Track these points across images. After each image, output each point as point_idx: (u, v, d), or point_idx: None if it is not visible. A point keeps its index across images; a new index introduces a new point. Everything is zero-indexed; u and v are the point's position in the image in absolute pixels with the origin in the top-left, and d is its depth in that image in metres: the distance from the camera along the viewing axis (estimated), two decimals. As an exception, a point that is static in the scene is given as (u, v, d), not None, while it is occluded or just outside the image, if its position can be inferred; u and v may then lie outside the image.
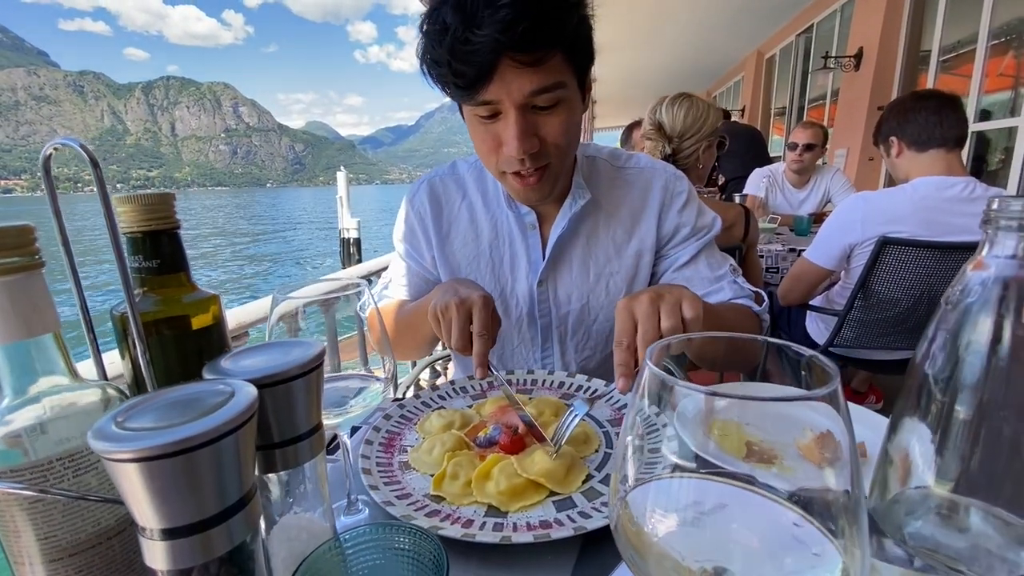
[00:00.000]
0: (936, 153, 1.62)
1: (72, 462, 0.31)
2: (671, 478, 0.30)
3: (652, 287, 0.65)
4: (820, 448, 0.28)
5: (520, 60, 0.67)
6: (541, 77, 0.69)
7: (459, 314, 0.69)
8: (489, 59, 0.66)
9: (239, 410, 0.29)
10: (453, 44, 0.66)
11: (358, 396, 0.50)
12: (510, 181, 0.80)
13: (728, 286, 0.92)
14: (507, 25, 0.63)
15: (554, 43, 0.68)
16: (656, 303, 0.60)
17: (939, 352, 0.31)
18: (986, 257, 0.28)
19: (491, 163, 0.80)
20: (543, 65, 0.68)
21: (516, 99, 0.70)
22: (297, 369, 0.35)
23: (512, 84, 0.69)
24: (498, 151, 0.76)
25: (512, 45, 0.65)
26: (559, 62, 0.70)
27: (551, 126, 0.74)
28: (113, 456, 0.26)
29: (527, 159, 0.74)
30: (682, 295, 0.61)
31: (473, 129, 0.78)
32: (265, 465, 0.36)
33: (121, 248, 0.34)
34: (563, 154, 0.78)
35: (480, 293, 0.70)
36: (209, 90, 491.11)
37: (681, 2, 6.57)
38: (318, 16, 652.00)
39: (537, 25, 0.65)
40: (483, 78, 0.68)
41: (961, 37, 4.23)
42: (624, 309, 0.61)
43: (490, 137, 0.76)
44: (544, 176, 0.78)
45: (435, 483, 0.56)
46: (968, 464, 0.33)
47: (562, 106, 0.74)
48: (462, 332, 0.69)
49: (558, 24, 0.67)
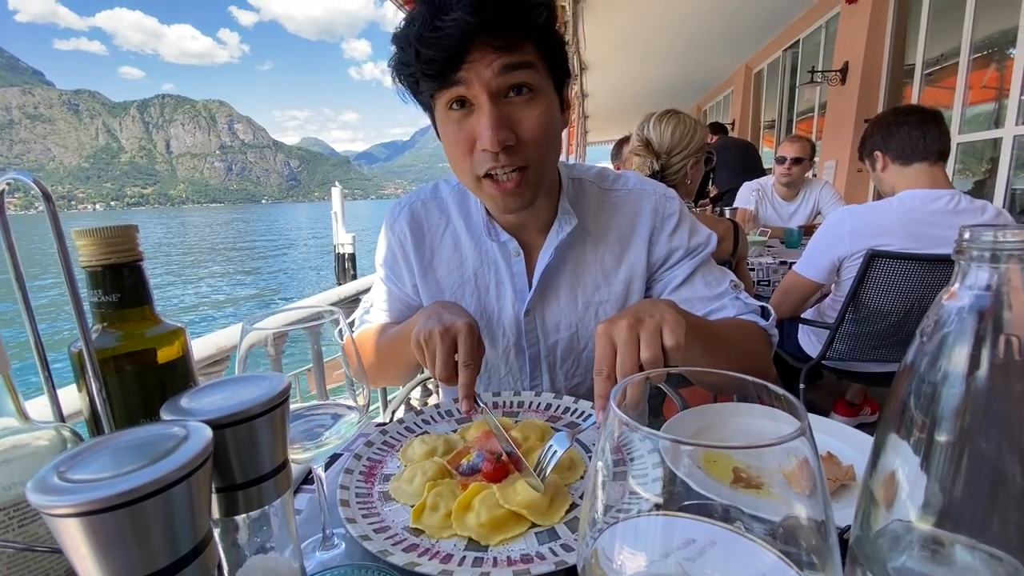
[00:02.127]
0: (920, 167, 1.63)
1: (18, 511, 0.30)
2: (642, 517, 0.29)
3: (633, 308, 0.61)
4: (803, 476, 0.27)
5: (491, 45, 0.66)
6: (513, 56, 0.68)
7: (443, 343, 0.65)
8: (458, 42, 0.65)
9: (191, 455, 0.27)
10: (421, 33, 0.65)
11: (332, 428, 0.49)
12: (487, 188, 0.75)
13: (731, 303, 0.88)
14: (476, 6, 0.63)
15: (524, 28, 0.68)
16: (635, 329, 0.56)
17: (916, 385, 0.30)
18: (960, 289, 0.27)
19: (466, 168, 0.75)
20: (515, 49, 0.68)
21: (487, 79, 0.67)
22: (260, 407, 0.34)
23: (482, 66, 0.67)
24: (472, 152, 0.72)
25: (481, 25, 0.64)
26: (531, 50, 0.70)
27: (527, 120, 0.71)
28: (52, 511, 0.24)
29: (502, 155, 0.70)
30: (663, 319, 0.57)
31: (446, 133, 0.75)
32: (227, 507, 0.35)
33: (75, 283, 0.33)
34: (541, 154, 0.74)
35: (465, 320, 0.67)
36: (204, 108, 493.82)
37: (670, 17, 6.68)
38: (313, 34, 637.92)
39: (506, 6, 0.65)
40: (453, 63, 0.66)
41: (944, 51, 4.32)
42: (603, 335, 0.58)
43: (463, 135, 0.72)
44: (522, 180, 0.73)
45: (414, 515, 0.54)
46: (951, 497, 0.32)
47: (538, 97, 0.71)
48: (446, 362, 0.66)
49: (527, 11, 0.67)
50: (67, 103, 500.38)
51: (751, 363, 0.83)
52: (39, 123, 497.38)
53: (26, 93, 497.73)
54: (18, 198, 41.14)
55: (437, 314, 0.70)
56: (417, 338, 0.68)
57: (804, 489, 0.28)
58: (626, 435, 0.27)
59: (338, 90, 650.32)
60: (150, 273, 0.39)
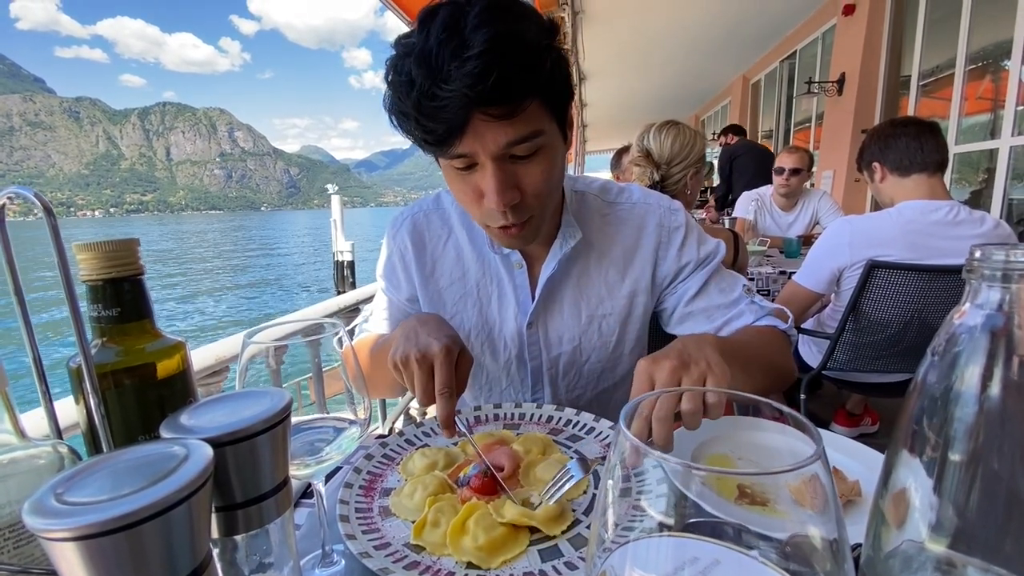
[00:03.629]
0: (919, 178, 1.64)
1: (13, 532, 0.29)
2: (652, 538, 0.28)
3: (678, 348, 0.57)
4: (812, 492, 0.27)
5: (492, 114, 0.62)
6: (517, 128, 0.64)
7: (420, 369, 0.62)
8: (459, 115, 0.61)
9: (191, 476, 0.27)
10: (420, 100, 0.61)
11: (333, 443, 0.48)
12: (494, 231, 0.76)
13: (748, 308, 0.87)
14: (476, 79, 0.58)
15: (528, 91, 0.63)
16: (678, 374, 0.53)
17: (928, 404, 0.29)
18: (971, 308, 0.27)
19: (474, 214, 0.76)
20: (518, 116, 0.63)
21: (492, 151, 0.65)
22: (261, 424, 0.34)
23: (486, 137, 0.64)
24: (479, 202, 0.71)
25: (483, 100, 0.60)
26: (536, 108, 0.66)
27: (531, 176, 0.70)
28: (48, 535, 0.24)
29: (509, 212, 0.70)
30: (709, 368, 0.54)
31: (451, 181, 0.74)
32: (227, 527, 0.34)
33: (75, 298, 0.33)
34: (545, 202, 0.75)
35: (441, 343, 0.63)
36: (205, 115, 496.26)
37: (668, 28, 6.75)
38: (313, 43, 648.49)
39: (509, 76, 0.59)
40: (454, 133, 0.63)
41: (939, 62, 4.36)
42: (643, 372, 0.55)
43: (470, 189, 0.71)
44: (527, 225, 0.74)
45: (415, 532, 0.53)
46: (964, 518, 0.31)
47: (542, 153, 0.69)
48: (425, 389, 0.62)
49: (532, 71, 0.63)
50: (68, 110, 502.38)
51: (781, 373, 0.83)
52: (39, 130, 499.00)
53: (27, 100, 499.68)
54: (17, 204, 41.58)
55: (415, 334, 0.67)
56: (394, 360, 0.65)
57: (813, 506, 0.27)
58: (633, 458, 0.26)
59: (338, 98, 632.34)
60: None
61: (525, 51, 0.61)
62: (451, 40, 0.59)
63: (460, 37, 0.59)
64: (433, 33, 0.60)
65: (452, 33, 0.59)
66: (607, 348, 0.91)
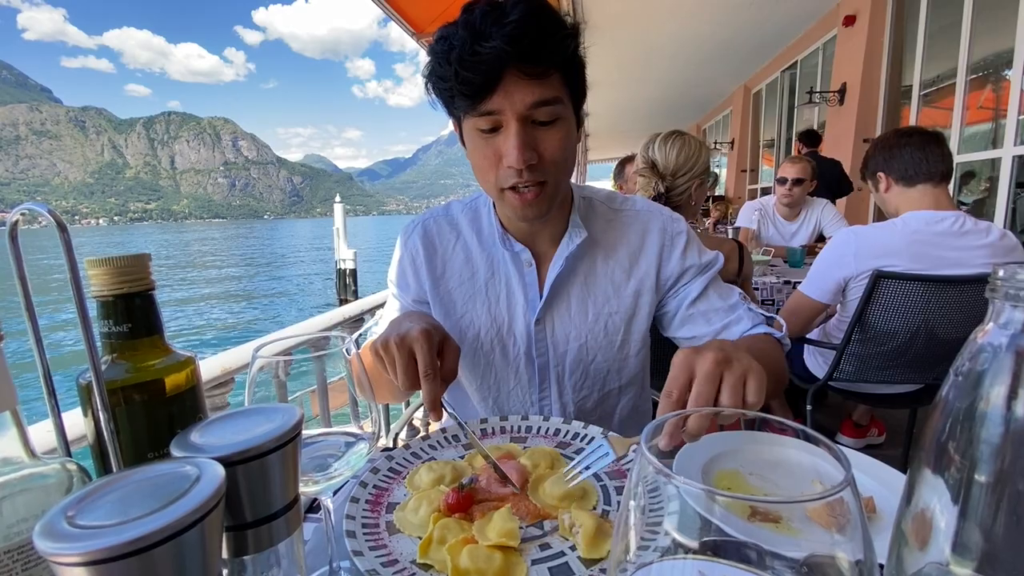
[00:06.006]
0: (924, 188, 1.64)
1: (22, 554, 0.29)
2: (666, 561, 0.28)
3: (718, 343, 0.57)
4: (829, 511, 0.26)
5: (524, 71, 0.71)
6: (543, 90, 0.73)
7: (400, 352, 0.65)
8: (496, 67, 0.70)
9: (203, 498, 0.26)
10: (462, 55, 0.69)
11: (342, 459, 0.48)
12: (508, 198, 0.81)
13: (745, 314, 0.92)
14: (513, 38, 0.68)
15: (554, 59, 0.73)
16: (720, 368, 0.53)
17: (951, 424, 0.29)
18: (994, 328, 0.27)
19: (490, 180, 0.80)
20: (545, 79, 0.73)
21: (519, 109, 0.73)
22: (273, 442, 0.33)
23: (515, 94, 0.72)
24: (498, 166, 0.78)
25: (518, 56, 0.69)
26: (558, 81, 0.75)
27: (549, 141, 0.77)
28: (59, 559, 0.23)
29: (525, 172, 0.76)
30: (750, 368, 0.54)
31: (473, 145, 0.80)
32: (236, 548, 0.34)
33: (87, 315, 0.33)
34: (559, 171, 0.80)
35: (420, 327, 0.66)
36: (209, 125, 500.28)
37: (670, 39, 6.80)
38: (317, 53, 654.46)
39: (540, 40, 0.70)
40: (489, 86, 0.71)
41: (940, 72, 4.38)
42: (683, 361, 0.54)
43: (491, 151, 0.77)
44: (541, 193, 0.79)
45: (421, 550, 0.52)
46: (990, 540, 0.30)
47: (560, 123, 0.77)
48: (406, 371, 0.65)
49: (558, 43, 0.72)
50: (74, 120, 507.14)
51: (780, 379, 0.87)
52: (46, 139, 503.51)
53: (33, 110, 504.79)
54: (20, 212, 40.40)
55: (397, 324, 0.71)
56: (375, 347, 0.68)
57: (833, 526, 0.27)
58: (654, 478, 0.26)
59: (342, 108, 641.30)
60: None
61: (554, 24, 0.72)
62: (493, 12, 0.70)
63: (501, 9, 0.70)
64: (477, 9, 0.70)
65: (494, 7, 0.70)
66: (613, 347, 0.94)
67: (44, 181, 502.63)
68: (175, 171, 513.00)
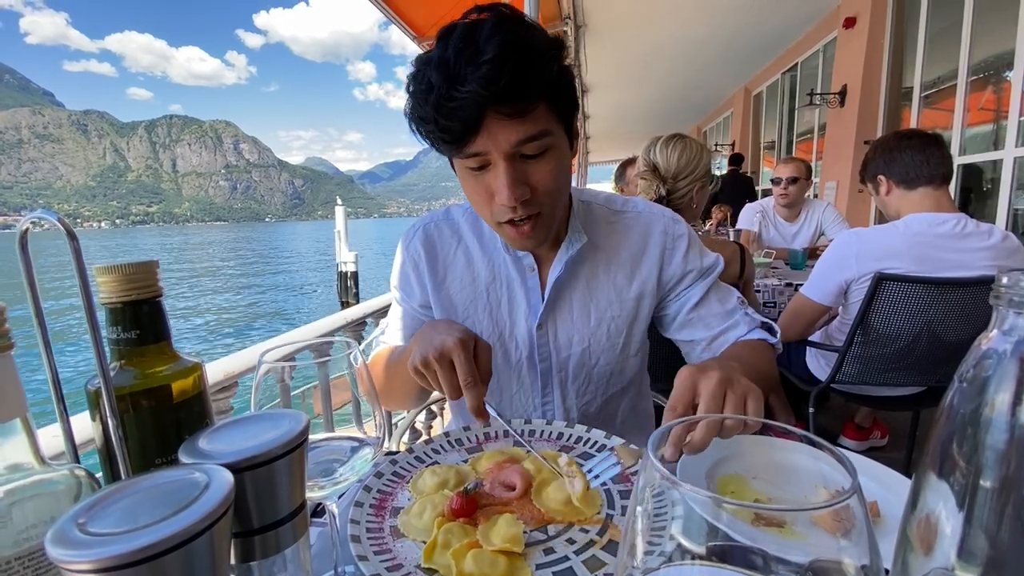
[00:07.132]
0: (925, 190, 1.64)
1: (32, 560, 0.29)
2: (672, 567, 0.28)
3: (717, 362, 0.60)
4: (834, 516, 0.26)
5: (504, 112, 0.68)
6: (527, 127, 0.70)
7: (442, 367, 0.67)
8: (474, 113, 0.67)
9: (213, 505, 0.27)
10: (438, 101, 0.67)
11: (347, 464, 0.48)
12: (506, 230, 0.81)
13: (742, 319, 0.93)
14: (489, 80, 0.64)
15: (536, 94, 0.70)
16: (724, 387, 0.56)
17: (956, 430, 0.29)
18: (998, 334, 0.27)
19: (486, 214, 0.81)
20: (528, 115, 0.70)
21: (504, 149, 0.71)
22: (280, 448, 0.33)
23: (499, 136, 0.70)
24: (491, 202, 0.77)
25: (495, 99, 0.66)
26: (543, 111, 0.72)
27: (540, 173, 0.75)
28: (71, 566, 0.23)
29: (519, 207, 0.75)
30: (750, 389, 0.57)
31: (465, 182, 0.79)
32: (243, 554, 0.34)
33: (96, 322, 0.33)
34: (554, 200, 0.79)
35: (455, 337, 0.68)
36: (211, 128, 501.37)
37: (670, 41, 6.81)
38: (318, 56, 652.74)
39: (518, 78, 0.66)
40: (469, 132, 0.69)
41: (941, 73, 4.38)
42: (688, 378, 0.57)
43: (482, 188, 0.76)
44: (537, 223, 0.79)
45: (425, 555, 0.52)
46: (995, 546, 0.31)
47: (550, 153, 0.75)
48: (451, 384, 0.67)
49: (538, 76, 0.69)
50: (76, 123, 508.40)
51: (771, 383, 0.88)
52: (48, 143, 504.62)
53: (36, 114, 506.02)
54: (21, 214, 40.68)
55: (428, 337, 0.71)
56: (415, 366, 0.70)
57: (837, 531, 0.27)
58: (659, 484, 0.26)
59: (343, 111, 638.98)
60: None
61: (533, 56, 0.68)
62: (467, 49, 0.66)
63: (475, 46, 0.66)
64: (451, 45, 0.67)
65: (467, 43, 0.66)
66: (615, 350, 0.94)
67: (47, 184, 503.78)
68: (177, 174, 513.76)
